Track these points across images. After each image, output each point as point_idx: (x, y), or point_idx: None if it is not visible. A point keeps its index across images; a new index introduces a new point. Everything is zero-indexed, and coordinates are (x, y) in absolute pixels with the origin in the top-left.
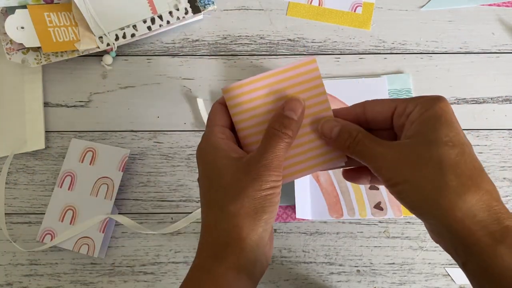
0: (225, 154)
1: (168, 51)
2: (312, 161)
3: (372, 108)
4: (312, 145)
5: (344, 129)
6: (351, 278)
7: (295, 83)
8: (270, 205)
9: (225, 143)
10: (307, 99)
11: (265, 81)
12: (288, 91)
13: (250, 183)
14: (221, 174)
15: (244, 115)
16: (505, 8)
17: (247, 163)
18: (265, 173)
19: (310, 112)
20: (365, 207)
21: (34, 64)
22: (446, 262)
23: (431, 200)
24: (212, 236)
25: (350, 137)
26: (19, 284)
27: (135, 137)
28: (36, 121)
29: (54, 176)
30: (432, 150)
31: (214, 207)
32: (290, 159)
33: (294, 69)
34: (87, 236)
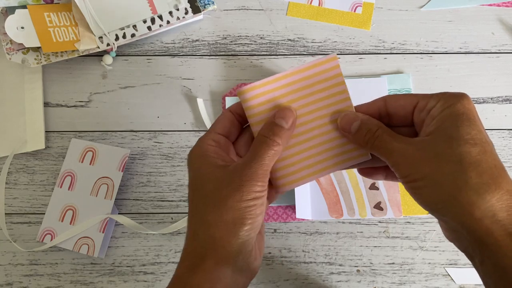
0: (211, 162)
1: (168, 51)
2: (335, 159)
3: (394, 102)
4: (334, 144)
5: (364, 123)
6: (351, 278)
7: (315, 81)
8: (250, 217)
9: (213, 150)
10: (327, 97)
11: (283, 81)
12: (308, 90)
13: (231, 192)
14: (204, 182)
15: (260, 117)
16: (505, 8)
17: (232, 171)
18: (248, 183)
19: (331, 110)
20: (365, 207)
21: (34, 64)
22: (446, 262)
23: (450, 197)
24: (190, 246)
25: (369, 132)
26: (19, 284)
27: (135, 137)
28: (36, 121)
29: (54, 176)
30: (453, 147)
31: (195, 216)
32: (312, 158)
33: (314, 67)
34: (87, 236)
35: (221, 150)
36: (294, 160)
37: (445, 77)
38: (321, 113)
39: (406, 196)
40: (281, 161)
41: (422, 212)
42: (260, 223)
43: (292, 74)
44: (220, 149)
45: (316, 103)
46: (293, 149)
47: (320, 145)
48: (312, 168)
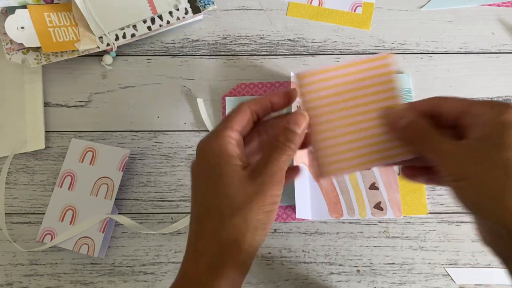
0: (231, 161)
1: (168, 51)
2: (380, 154)
3: (442, 103)
4: (380, 139)
5: (412, 121)
6: (351, 278)
7: (368, 76)
8: (270, 221)
9: (232, 148)
10: (379, 92)
11: (339, 72)
12: (360, 83)
13: (254, 196)
14: (226, 181)
15: (313, 103)
16: (505, 8)
17: (252, 174)
18: (269, 187)
19: (381, 105)
20: (365, 207)
21: (34, 64)
22: (446, 262)
23: (494, 199)
24: (210, 245)
25: (417, 129)
26: (19, 284)
27: (135, 137)
28: (36, 121)
29: (54, 176)
30: (501, 153)
31: (214, 214)
32: (357, 151)
33: (369, 62)
34: (87, 236)
35: (238, 149)
36: (340, 150)
37: (445, 77)
38: (371, 107)
39: (406, 196)
40: (325, 150)
41: (422, 212)
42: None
43: (348, 66)
44: (238, 147)
45: (367, 97)
46: (340, 139)
47: (366, 138)
48: (356, 160)
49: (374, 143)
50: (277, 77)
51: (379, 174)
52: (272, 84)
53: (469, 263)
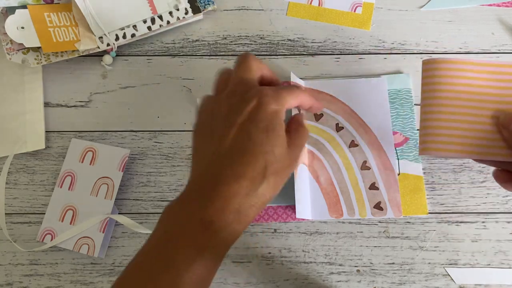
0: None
1: (168, 51)
2: (484, 148)
3: None
4: (489, 135)
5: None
6: (351, 278)
7: (492, 78)
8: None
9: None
10: (497, 95)
11: (469, 66)
12: (483, 82)
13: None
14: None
15: (438, 87)
16: (505, 8)
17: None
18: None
19: (496, 107)
20: (365, 207)
21: (34, 64)
22: (446, 262)
23: None
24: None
25: None
26: (19, 284)
27: (135, 137)
28: (36, 121)
29: (54, 176)
30: None
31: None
32: (465, 138)
33: (496, 67)
34: (87, 236)
35: None
36: (448, 133)
37: None
38: (487, 106)
39: (406, 196)
40: (436, 129)
41: (422, 212)
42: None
43: (477, 64)
44: None
45: (486, 95)
46: (451, 123)
47: (476, 131)
48: (460, 146)
49: (484, 137)
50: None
51: (379, 174)
52: None
53: (469, 263)
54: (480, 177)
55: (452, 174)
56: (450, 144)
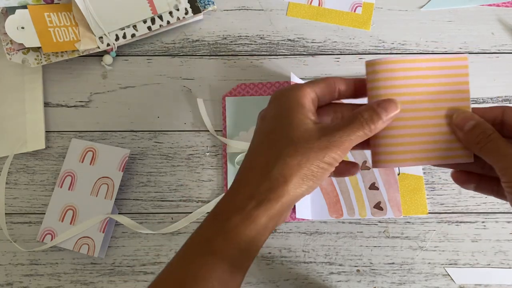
0: (305, 112)
1: (168, 51)
2: (439, 152)
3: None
4: (442, 138)
5: (479, 124)
6: (351, 278)
7: (441, 74)
8: (319, 177)
9: (308, 102)
10: (449, 92)
11: (411, 64)
12: (432, 80)
13: (315, 149)
14: (294, 125)
15: (380, 92)
16: (505, 8)
17: (321, 130)
18: (333, 148)
19: (448, 105)
20: (365, 207)
21: (34, 64)
22: (446, 262)
23: None
24: (258, 176)
25: (483, 133)
26: (19, 284)
27: (135, 137)
28: (36, 121)
29: (54, 176)
30: None
31: (271, 149)
32: (417, 145)
33: (444, 61)
34: (87, 236)
35: (313, 106)
36: (400, 142)
37: None
38: (438, 105)
39: (406, 196)
40: (387, 139)
41: (422, 212)
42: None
43: (424, 60)
44: (313, 104)
45: (436, 94)
46: (402, 130)
47: (429, 135)
48: (415, 154)
49: (438, 140)
50: (277, 77)
51: (379, 174)
52: (272, 84)
53: (469, 263)
54: None
55: None
56: (404, 153)
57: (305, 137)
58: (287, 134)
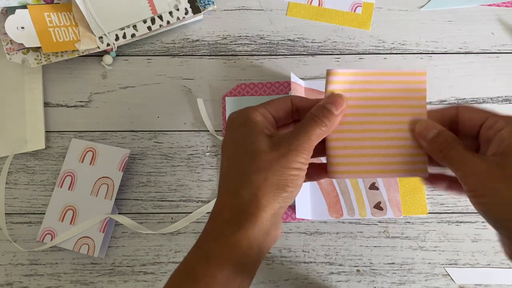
0: (258, 129)
1: (168, 51)
2: (394, 166)
3: (465, 113)
4: (398, 151)
5: (441, 133)
6: (351, 278)
7: (398, 88)
8: (292, 185)
9: (260, 119)
10: (406, 106)
11: (370, 77)
12: (389, 94)
13: (277, 158)
14: (251, 143)
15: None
16: (505, 8)
17: (279, 140)
18: (295, 152)
19: (405, 119)
20: (365, 207)
21: (34, 64)
22: (446, 262)
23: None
24: (229, 201)
25: (445, 142)
26: (19, 284)
27: (135, 137)
28: (36, 121)
29: (54, 176)
30: None
31: (236, 173)
32: (373, 158)
33: (402, 75)
34: (87, 236)
35: (267, 122)
36: (356, 153)
37: (445, 77)
38: (395, 119)
39: (406, 196)
40: (343, 150)
41: (422, 212)
42: (297, 194)
43: (382, 74)
44: (267, 121)
45: (392, 107)
46: (358, 142)
47: (385, 148)
48: (370, 166)
49: (393, 154)
50: (277, 77)
51: None
52: (272, 84)
53: (469, 263)
54: None
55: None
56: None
57: (264, 151)
58: (246, 153)
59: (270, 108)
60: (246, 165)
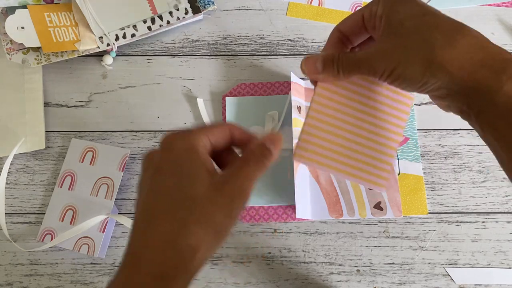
0: (201, 163)
1: (168, 51)
2: (357, 171)
3: (345, 26)
4: (365, 159)
5: (325, 57)
6: (351, 278)
7: (385, 102)
8: (227, 234)
9: (205, 154)
10: (385, 121)
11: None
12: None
13: (220, 208)
14: (194, 183)
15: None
16: (505, 8)
17: (221, 182)
18: (238, 200)
19: (381, 133)
20: (365, 207)
21: (34, 64)
22: (446, 262)
23: (427, 64)
24: (161, 250)
25: (334, 59)
26: (19, 284)
27: (135, 137)
28: (36, 121)
29: (54, 176)
30: (406, 24)
31: (172, 217)
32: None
33: (391, 91)
34: (87, 236)
35: (207, 154)
36: (325, 146)
37: None
38: (372, 129)
39: (406, 196)
40: (314, 137)
41: (422, 212)
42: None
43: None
44: (208, 155)
45: (374, 118)
46: (331, 136)
47: (354, 151)
48: (334, 163)
49: (360, 160)
50: (277, 77)
51: None
52: (272, 84)
53: (469, 263)
54: (480, 177)
55: (452, 174)
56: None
57: (207, 195)
58: (188, 194)
59: (211, 137)
60: (186, 211)
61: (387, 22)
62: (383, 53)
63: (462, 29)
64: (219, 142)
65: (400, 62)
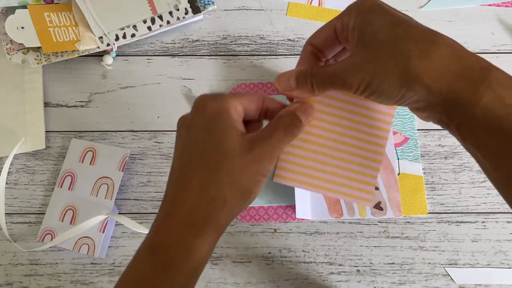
0: (233, 123)
1: (168, 51)
2: (340, 187)
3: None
4: (348, 174)
5: (298, 73)
6: (351, 278)
7: (367, 115)
8: (257, 190)
9: (235, 113)
10: (368, 134)
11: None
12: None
13: (249, 162)
14: (225, 138)
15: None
16: (505, 8)
17: (251, 142)
18: (266, 159)
19: (364, 146)
20: (365, 207)
21: (34, 64)
22: (446, 262)
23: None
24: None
25: (308, 75)
26: (19, 284)
27: (135, 137)
28: (36, 121)
29: (54, 176)
30: (379, 37)
31: (205, 166)
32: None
33: (373, 105)
34: (87, 236)
35: (239, 117)
36: (306, 164)
37: None
38: (354, 143)
39: (406, 196)
40: (293, 156)
41: (422, 212)
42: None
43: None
44: (239, 117)
45: (355, 132)
46: (311, 154)
47: (336, 167)
48: (316, 181)
49: (341, 175)
50: None
51: (379, 174)
52: (272, 84)
53: (469, 263)
54: (480, 177)
55: (452, 174)
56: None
57: (237, 151)
58: (220, 148)
59: (244, 102)
60: (217, 163)
61: (360, 34)
62: (357, 67)
63: (436, 38)
64: (251, 110)
65: (376, 75)
